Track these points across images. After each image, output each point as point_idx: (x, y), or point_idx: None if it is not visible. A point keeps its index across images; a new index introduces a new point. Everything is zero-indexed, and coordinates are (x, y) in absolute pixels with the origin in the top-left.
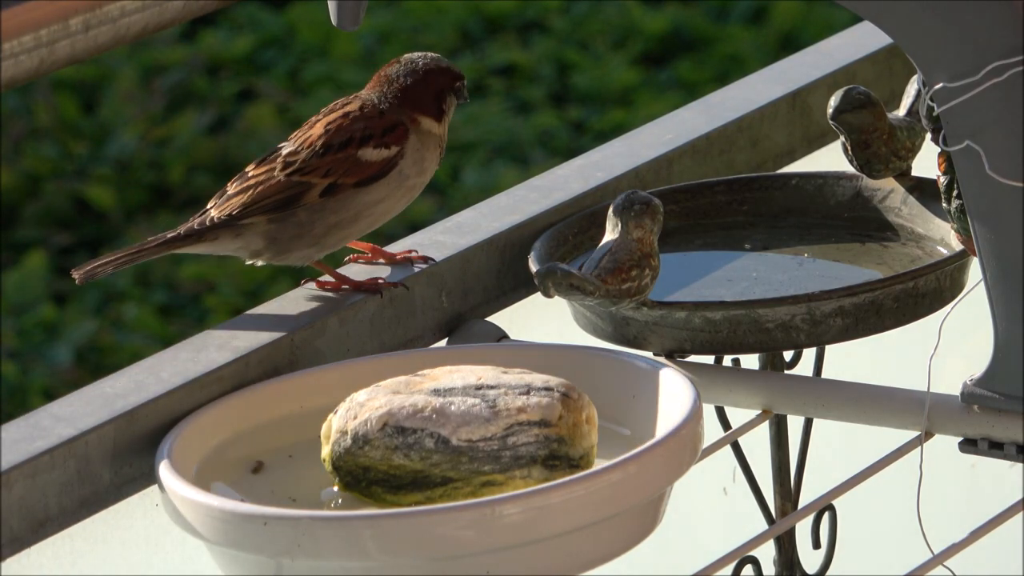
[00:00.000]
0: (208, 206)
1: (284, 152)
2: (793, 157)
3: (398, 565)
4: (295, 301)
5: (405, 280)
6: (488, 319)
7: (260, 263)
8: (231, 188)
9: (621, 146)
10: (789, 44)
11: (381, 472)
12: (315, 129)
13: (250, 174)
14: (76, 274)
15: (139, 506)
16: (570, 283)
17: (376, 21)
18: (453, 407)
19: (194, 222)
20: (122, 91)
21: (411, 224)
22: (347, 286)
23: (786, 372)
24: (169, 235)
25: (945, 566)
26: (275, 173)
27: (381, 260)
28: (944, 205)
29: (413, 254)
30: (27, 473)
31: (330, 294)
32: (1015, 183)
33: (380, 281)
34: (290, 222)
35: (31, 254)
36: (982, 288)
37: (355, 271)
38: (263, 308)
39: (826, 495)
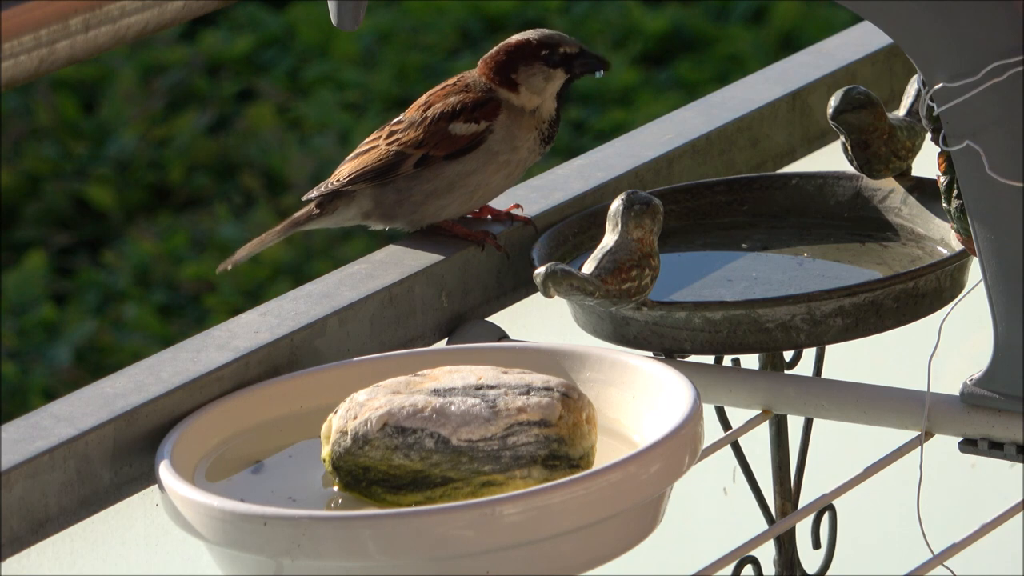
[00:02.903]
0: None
1: (393, 121)
2: (793, 157)
3: (398, 565)
4: (296, 300)
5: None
6: (488, 319)
7: (378, 227)
8: (350, 156)
9: (621, 146)
10: (789, 44)
11: (381, 472)
12: (419, 100)
13: (366, 141)
14: (220, 268)
15: (139, 506)
16: (570, 283)
17: (376, 21)
18: (453, 407)
19: (313, 191)
20: (122, 91)
21: None
22: (458, 234)
23: (786, 372)
24: (295, 216)
25: (945, 566)
26: (379, 142)
27: (489, 216)
28: (944, 205)
29: (517, 211)
30: (27, 473)
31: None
32: (1015, 183)
33: (489, 234)
34: (391, 188)
35: (31, 254)
36: (982, 288)
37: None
38: (263, 308)
39: (826, 495)
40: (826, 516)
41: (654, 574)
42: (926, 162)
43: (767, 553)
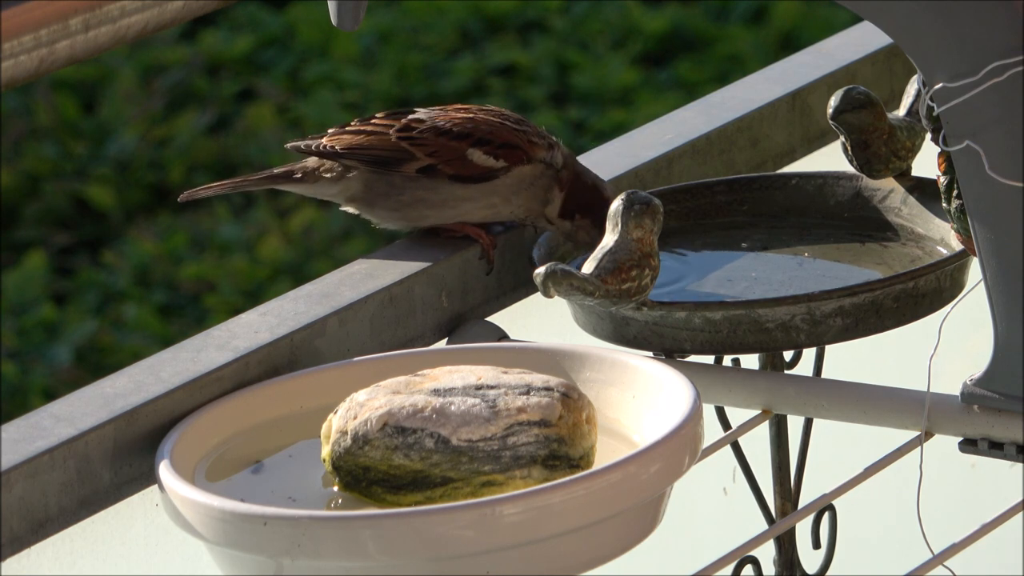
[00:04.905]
0: (329, 130)
1: (411, 116)
2: (793, 157)
3: (398, 565)
4: (296, 300)
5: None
6: (488, 319)
7: (353, 211)
8: (352, 125)
9: (621, 146)
10: (789, 44)
11: (381, 472)
12: (453, 112)
13: (374, 120)
14: (183, 196)
15: (139, 506)
16: (570, 283)
17: (376, 21)
18: (453, 407)
19: (301, 142)
20: (122, 91)
21: None
22: (465, 233)
23: (786, 372)
24: (274, 171)
25: (945, 566)
26: (391, 131)
27: None
28: (944, 205)
29: None
30: (27, 473)
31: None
32: (1015, 183)
33: (487, 234)
34: (384, 180)
35: (31, 254)
36: (982, 288)
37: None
38: (263, 308)
39: (826, 495)
40: (826, 516)
41: (654, 574)
42: (926, 162)
43: (767, 553)
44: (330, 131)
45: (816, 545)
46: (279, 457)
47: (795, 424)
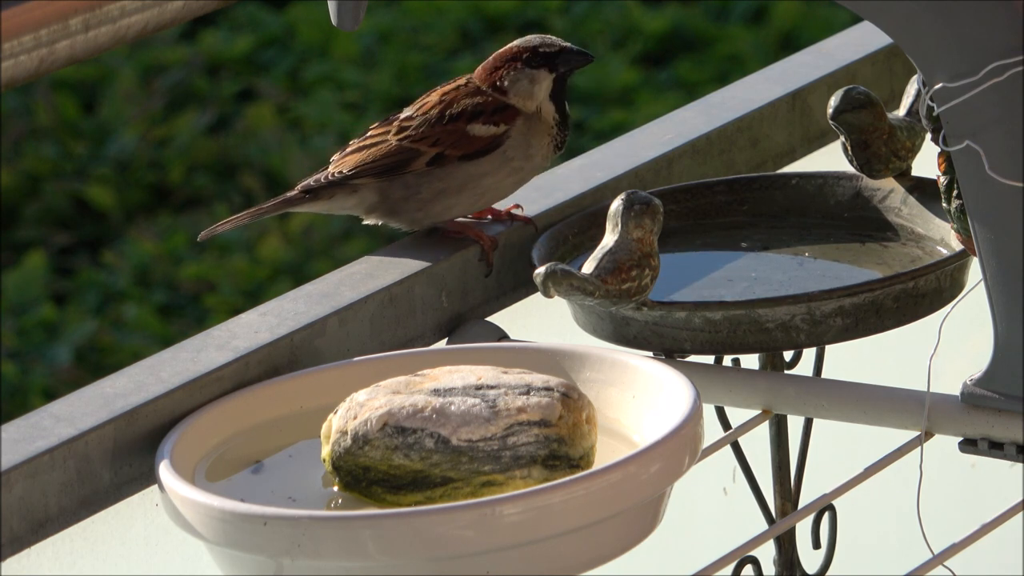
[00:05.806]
0: (331, 158)
1: (401, 117)
2: (793, 157)
3: (398, 565)
4: (296, 300)
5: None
6: (488, 319)
7: (374, 221)
8: (351, 145)
9: (621, 146)
10: (789, 44)
11: (381, 472)
12: (431, 98)
13: (369, 134)
14: (202, 235)
15: (139, 506)
16: (570, 283)
17: (376, 21)
18: (453, 407)
19: (311, 179)
20: (122, 91)
21: None
22: (465, 235)
23: (786, 372)
24: (288, 195)
25: (945, 566)
26: (389, 137)
27: (488, 216)
28: (944, 205)
29: (517, 211)
30: (27, 473)
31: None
32: (1015, 183)
33: (488, 236)
34: (399, 183)
35: (31, 254)
36: (982, 288)
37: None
38: (263, 308)
39: (826, 495)
40: (826, 516)
41: (654, 574)
42: (926, 162)
43: (767, 553)
44: (332, 159)
45: (816, 545)
46: (279, 457)
47: (795, 424)
